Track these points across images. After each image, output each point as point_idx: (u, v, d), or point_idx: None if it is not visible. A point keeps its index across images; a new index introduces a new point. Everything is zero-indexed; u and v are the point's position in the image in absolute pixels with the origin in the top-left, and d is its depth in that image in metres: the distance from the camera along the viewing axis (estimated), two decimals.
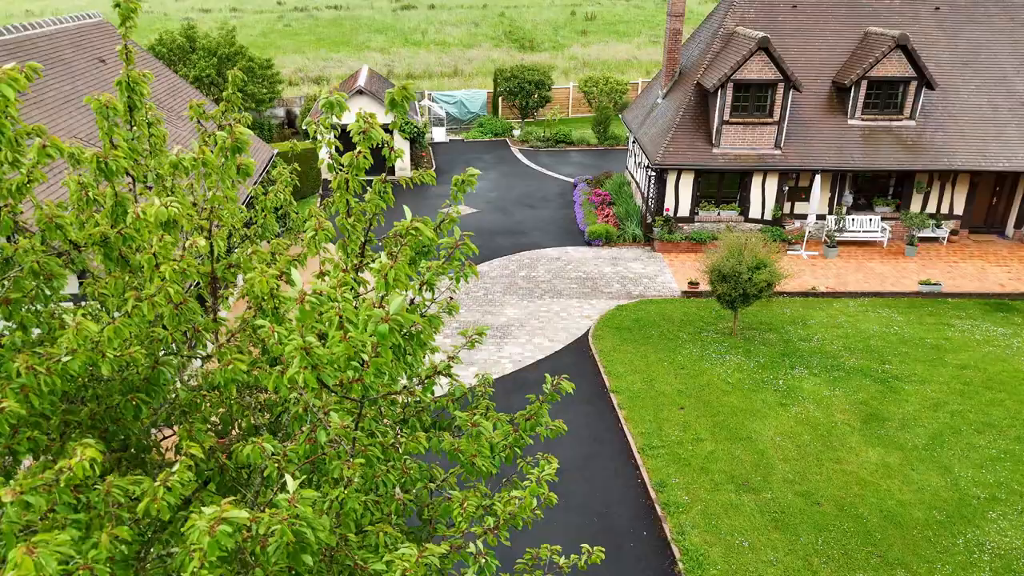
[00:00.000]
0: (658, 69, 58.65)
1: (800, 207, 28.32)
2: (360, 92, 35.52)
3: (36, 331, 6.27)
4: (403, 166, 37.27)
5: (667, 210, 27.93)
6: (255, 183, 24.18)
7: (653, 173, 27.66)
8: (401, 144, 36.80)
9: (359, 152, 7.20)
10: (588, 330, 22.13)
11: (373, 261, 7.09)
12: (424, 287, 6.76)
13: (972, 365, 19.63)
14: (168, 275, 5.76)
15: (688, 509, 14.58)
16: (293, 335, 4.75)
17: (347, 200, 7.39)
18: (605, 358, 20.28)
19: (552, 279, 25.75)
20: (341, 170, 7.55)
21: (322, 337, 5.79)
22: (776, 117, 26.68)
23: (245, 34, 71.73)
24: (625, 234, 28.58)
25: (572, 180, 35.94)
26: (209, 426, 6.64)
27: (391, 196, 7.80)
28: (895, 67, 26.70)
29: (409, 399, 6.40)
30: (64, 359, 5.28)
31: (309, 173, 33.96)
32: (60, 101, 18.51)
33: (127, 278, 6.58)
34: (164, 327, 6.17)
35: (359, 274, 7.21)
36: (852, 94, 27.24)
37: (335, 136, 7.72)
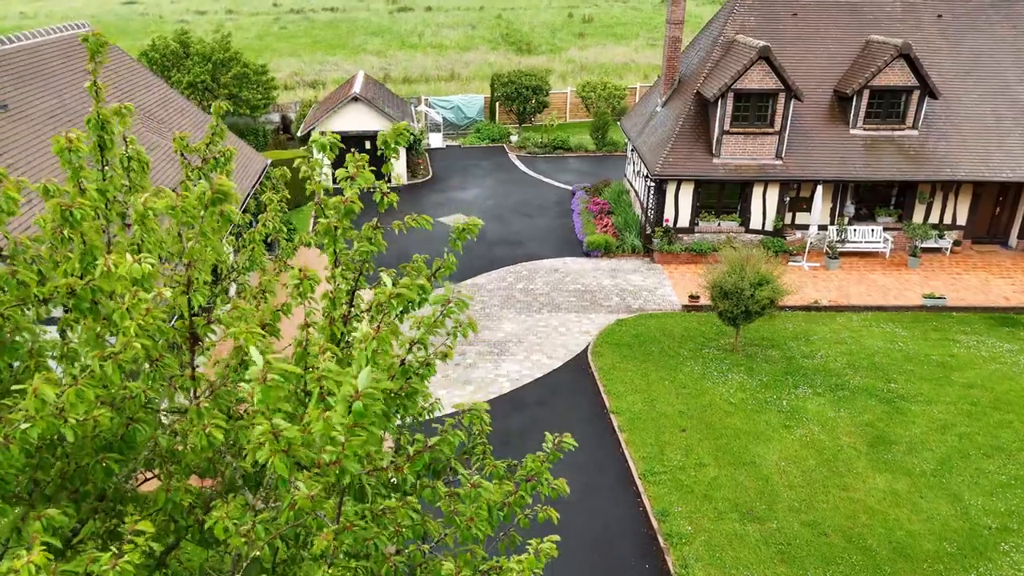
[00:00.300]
0: (656, 73, 58.24)
1: (801, 217, 27.87)
2: (356, 99, 35.01)
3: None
4: (399, 172, 36.75)
5: (666, 221, 27.47)
6: (248, 196, 23.72)
7: (652, 184, 27.19)
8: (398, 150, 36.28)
9: (347, 198, 6.73)
10: (587, 346, 21.65)
11: (357, 324, 6.63)
12: (415, 346, 6.27)
13: (979, 384, 19.19)
14: (134, 331, 5.29)
15: (691, 540, 14.11)
16: (259, 418, 4.32)
17: (334, 250, 6.91)
18: (605, 376, 19.81)
19: (550, 292, 25.27)
20: (329, 215, 7.08)
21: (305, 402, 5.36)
22: (777, 127, 26.21)
23: (240, 37, 71.18)
24: (624, 245, 28.11)
25: (570, 188, 35.46)
26: (191, 471, 6.23)
27: (382, 241, 7.29)
28: (897, 76, 26.26)
29: (395, 475, 5.92)
30: (23, 426, 4.83)
31: (304, 181, 33.36)
32: (45, 116, 17.98)
33: (99, 328, 6.08)
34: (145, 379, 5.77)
35: (348, 324, 6.76)
36: (854, 103, 26.79)
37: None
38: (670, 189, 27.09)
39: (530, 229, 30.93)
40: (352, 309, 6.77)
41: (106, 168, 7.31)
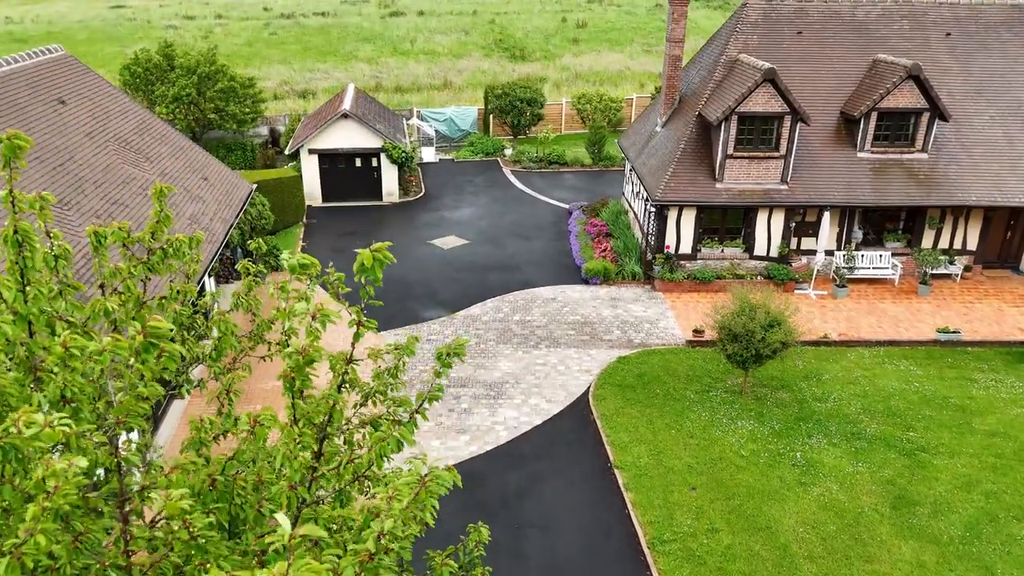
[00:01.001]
0: (652, 82, 57.08)
1: (807, 243, 26.76)
2: (345, 116, 33.74)
3: None
4: (391, 191, 35.53)
5: (668, 247, 26.31)
6: (232, 226, 22.48)
7: (653, 209, 26.03)
8: (389, 168, 35.08)
9: (305, 347, 5.56)
10: (588, 387, 20.49)
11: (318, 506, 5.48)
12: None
13: (1002, 432, 18.10)
14: (33, 516, 4.17)
15: None
16: None
17: (292, 403, 5.72)
18: (607, 424, 18.65)
19: (548, 324, 24.09)
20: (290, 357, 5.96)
21: None
22: (783, 151, 25.08)
23: (230, 43, 69.76)
24: (624, 271, 26.94)
25: (567, 207, 34.27)
26: None
27: (341, 412, 6.09)
28: (907, 98, 25.16)
29: None
30: None
31: (291, 201, 32.15)
32: None
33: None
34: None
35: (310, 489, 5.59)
36: (861, 126, 25.67)
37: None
38: (671, 215, 25.93)
39: (526, 253, 29.74)
40: (316, 472, 5.57)
41: (28, 288, 6.10)
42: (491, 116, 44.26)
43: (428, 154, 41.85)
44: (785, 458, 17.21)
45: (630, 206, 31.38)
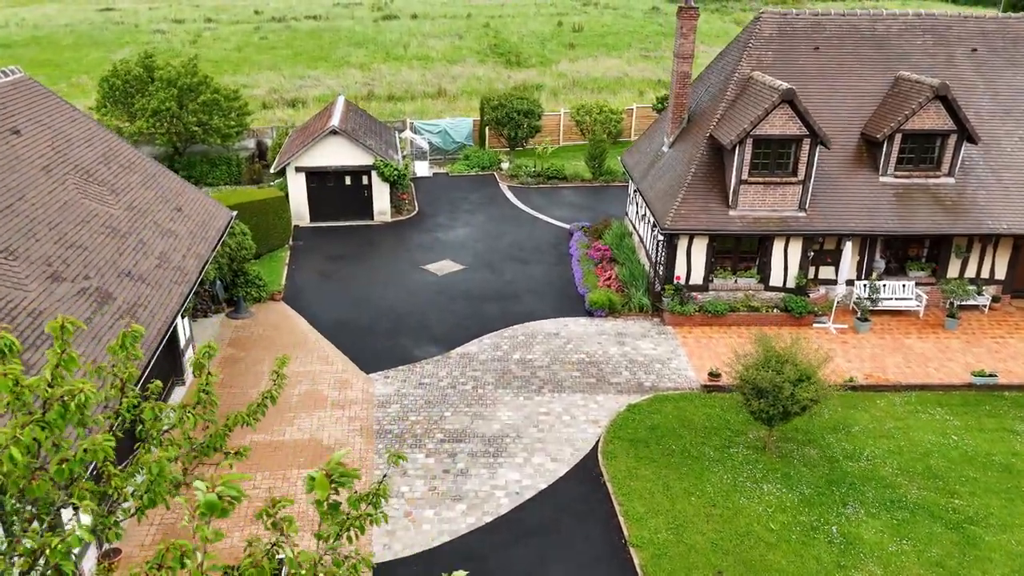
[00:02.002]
0: (652, 89, 55.14)
1: (825, 272, 24.87)
2: (334, 132, 31.69)
3: None
4: (382, 210, 33.51)
5: (677, 278, 24.38)
6: (207, 261, 20.44)
7: (662, 238, 24.08)
8: (380, 186, 33.04)
9: None
10: (597, 442, 18.54)
11: None
12: None
13: None
14: None
15: None
16: None
17: None
18: (620, 489, 16.71)
19: (551, 364, 22.13)
20: None
21: None
22: (800, 176, 23.18)
23: (219, 48, 67.56)
24: (631, 303, 25.00)
25: (567, 227, 32.30)
26: None
27: None
28: (933, 119, 23.29)
29: None
30: None
31: (277, 223, 30.09)
32: None
33: None
34: None
35: None
36: (884, 149, 23.78)
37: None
38: (681, 244, 24.00)
39: (525, 279, 27.77)
40: None
41: None
42: (487, 128, 42.24)
43: (421, 168, 39.82)
44: (820, 533, 15.30)
45: (634, 228, 29.44)
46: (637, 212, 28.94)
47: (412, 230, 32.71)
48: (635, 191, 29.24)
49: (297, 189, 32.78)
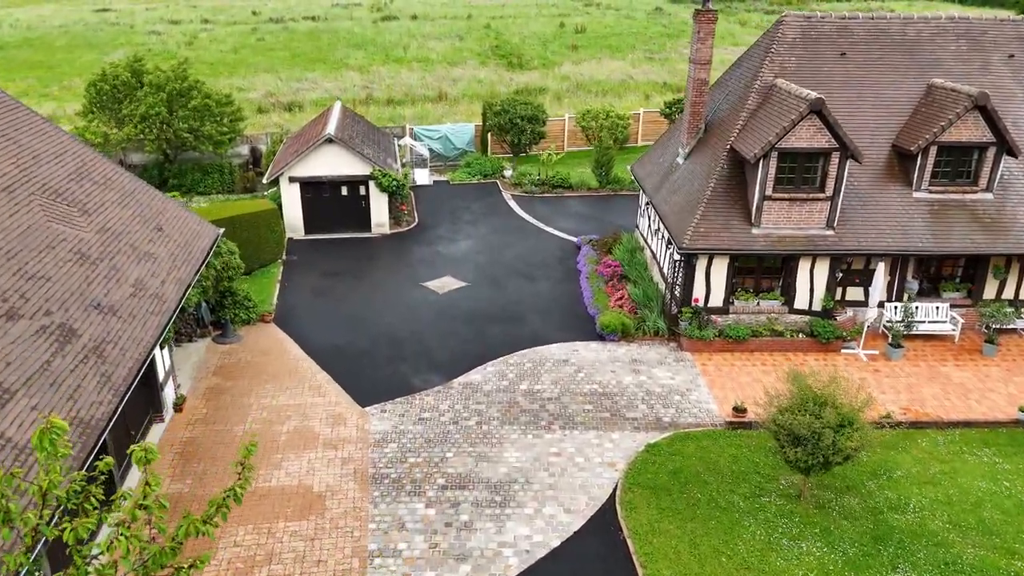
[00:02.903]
0: (658, 93, 53.28)
1: (853, 293, 23.05)
2: (330, 140, 29.85)
3: None
4: (380, 221, 31.67)
5: (696, 300, 22.56)
6: (190, 285, 18.60)
7: (679, 257, 22.24)
8: (378, 196, 31.19)
9: None
10: (615, 489, 16.72)
11: None
12: None
13: None
14: None
15: None
16: None
17: None
18: (642, 547, 14.89)
19: (561, 395, 20.31)
20: None
21: None
22: (829, 191, 21.35)
23: (215, 49, 65.64)
24: (645, 326, 23.17)
25: (574, 240, 30.46)
26: None
27: None
28: (970, 131, 21.48)
29: None
30: None
31: (270, 237, 28.24)
32: None
33: None
34: None
35: None
36: (918, 162, 21.96)
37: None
38: (700, 264, 22.16)
39: (531, 297, 25.94)
40: None
41: None
42: (489, 134, 40.36)
43: (422, 176, 37.96)
44: None
45: (646, 243, 27.60)
46: (649, 226, 27.10)
47: (412, 243, 30.86)
48: (647, 203, 27.41)
49: (291, 200, 30.92)
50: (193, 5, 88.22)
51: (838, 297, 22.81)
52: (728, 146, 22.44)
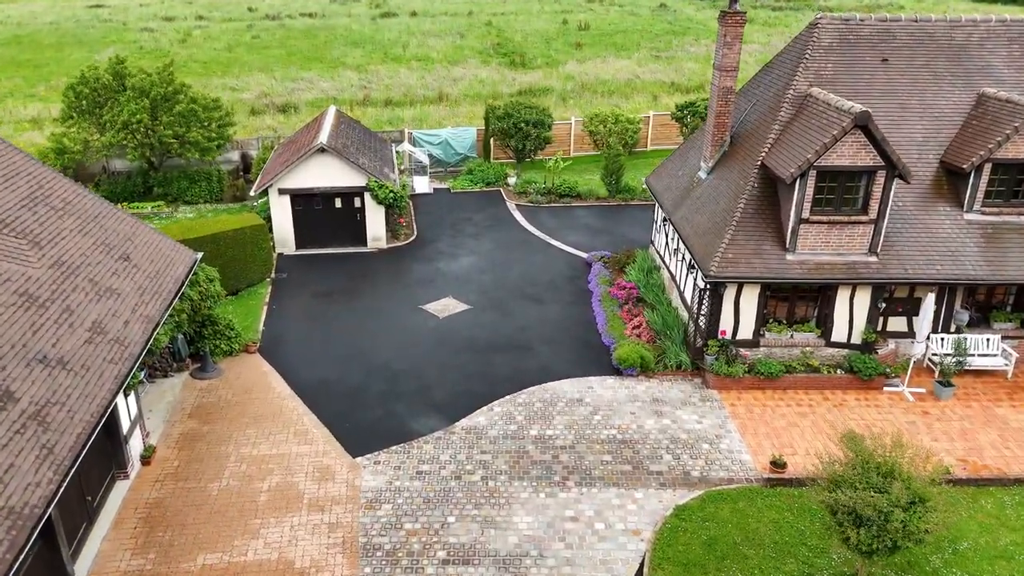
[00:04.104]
0: (666, 93, 50.84)
1: (895, 323, 20.75)
2: (322, 150, 27.46)
3: None
4: (377, 235, 29.31)
5: (723, 333, 20.23)
6: (158, 324, 16.22)
7: (704, 284, 19.90)
8: (375, 209, 28.83)
9: None
10: (641, 565, 14.42)
11: None
12: None
13: None
14: None
15: None
16: None
17: None
18: None
19: (576, 443, 18.00)
20: None
21: None
22: (872, 214, 19.00)
23: (209, 48, 63.14)
24: (666, 360, 20.84)
25: (585, 257, 28.11)
26: None
27: None
28: None
29: None
30: None
31: (256, 255, 25.89)
32: None
33: None
34: None
35: None
36: (971, 181, 19.61)
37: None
38: (728, 293, 19.83)
39: (539, 323, 23.61)
40: None
41: None
42: (492, 139, 37.94)
43: (421, 184, 35.58)
44: None
45: (663, 262, 25.26)
46: (667, 244, 24.75)
47: (410, 259, 28.50)
48: (664, 220, 25.05)
49: (281, 213, 28.55)
50: (188, 1, 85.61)
51: (879, 328, 20.48)
52: (758, 162, 20.08)
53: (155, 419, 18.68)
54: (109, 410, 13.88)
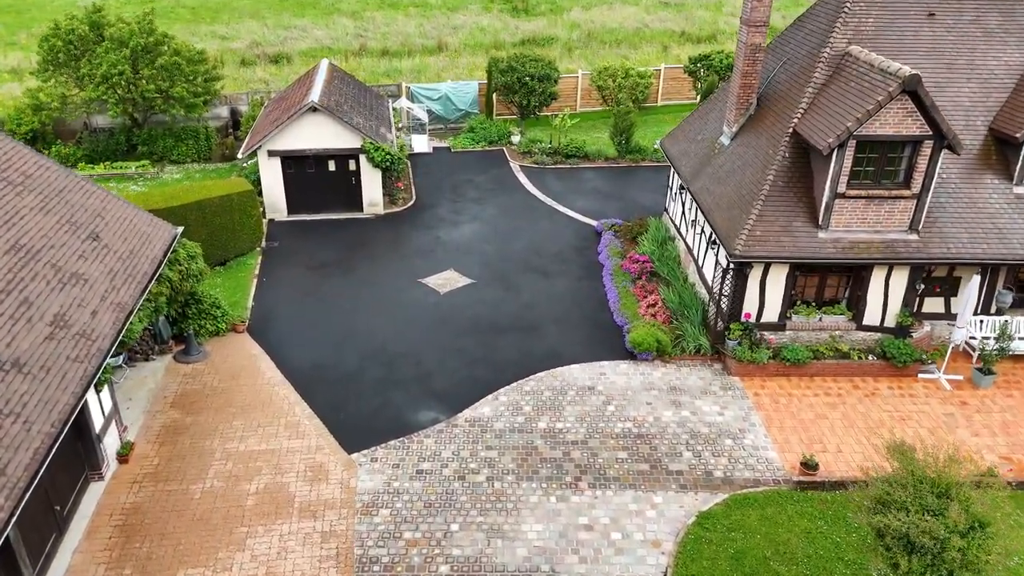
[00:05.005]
0: (675, 43, 48.36)
1: (931, 304, 19.21)
2: (314, 109, 25.51)
3: None
4: (373, 200, 27.54)
5: (747, 316, 18.69)
6: (132, 311, 14.67)
7: (727, 263, 18.28)
8: (371, 172, 27.00)
9: None
10: None
11: None
12: None
13: None
14: None
15: None
16: None
17: None
18: None
19: (588, 437, 16.62)
20: None
21: None
22: (916, 188, 17.28)
23: None
24: (684, 343, 19.33)
25: (594, 225, 26.40)
26: None
27: None
28: None
29: None
30: None
31: (245, 223, 24.19)
32: None
33: None
34: None
35: None
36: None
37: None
38: (754, 273, 18.22)
39: (547, 301, 22.06)
40: None
41: None
42: (494, 94, 35.81)
43: (420, 143, 33.63)
44: None
45: (679, 232, 23.59)
46: (684, 215, 23.05)
47: (409, 226, 26.80)
48: (680, 187, 23.29)
49: (271, 177, 26.74)
50: None
51: (914, 309, 18.93)
52: (790, 129, 18.26)
53: (134, 409, 17.25)
54: (74, 416, 12.41)
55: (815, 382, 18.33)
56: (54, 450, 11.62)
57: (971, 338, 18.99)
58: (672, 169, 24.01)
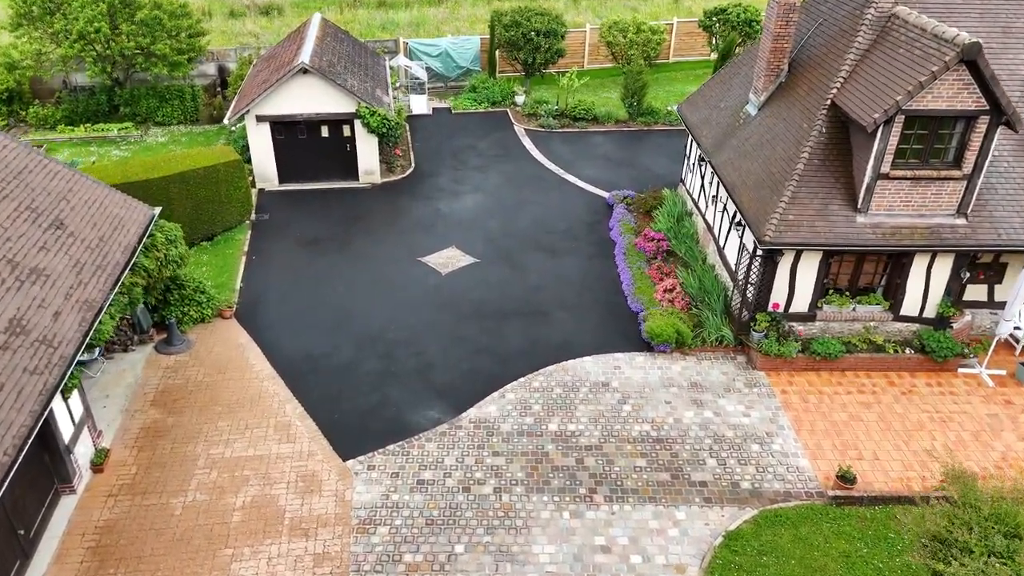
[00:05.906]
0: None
1: (974, 291, 17.67)
2: (305, 71, 23.59)
3: None
4: (369, 169, 25.78)
5: (775, 306, 17.18)
6: (102, 308, 13.14)
7: (753, 248, 16.69)
8: (367, 138, 25.17)
9: None
10: None
11: None
12: None
13: None
14: None
15: None
16: None
17: None
18: None
19: (603, 442, 15.27)
20: None
21: None
22: (967, 168, 15.60)
23: None
24: (705, 333, 17.86)
25: (605, 197, 24.71)
26: None
27: None
28: None
29: None
30: None
31: (233, 195, 22.50)
32: None
33: None
34: None
35: None
36: None
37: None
38: (784, 261, 16.64)
39: (555, 283, 20.52)
40: None
41: None
42: (497, 52, 33.66)
43: (419, 104, 31.66)
44: None
45: (697, 207, 21.93)
46: (703, 189, 21.35)
47: (407, 197, 25.09)
48: (700, 158, 21.54)
49: (260, 143, 24.92)
50: None
51: (957, 299, 17.42)
52: (827, 100, 16.48)
53: (111, 407, 15.87)
54: (33, 436, 11.00)
55: (847, 377, 16.92)
56: (10, 476, 10.25)
57: (1016, 328, 17.54)
58: (691, 137, 22.24)
